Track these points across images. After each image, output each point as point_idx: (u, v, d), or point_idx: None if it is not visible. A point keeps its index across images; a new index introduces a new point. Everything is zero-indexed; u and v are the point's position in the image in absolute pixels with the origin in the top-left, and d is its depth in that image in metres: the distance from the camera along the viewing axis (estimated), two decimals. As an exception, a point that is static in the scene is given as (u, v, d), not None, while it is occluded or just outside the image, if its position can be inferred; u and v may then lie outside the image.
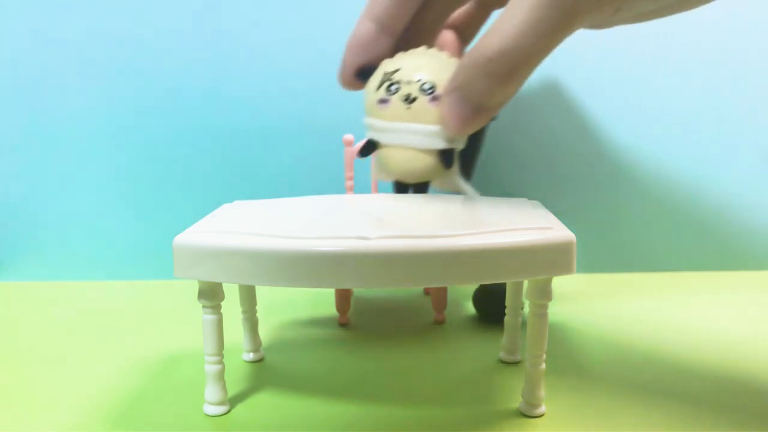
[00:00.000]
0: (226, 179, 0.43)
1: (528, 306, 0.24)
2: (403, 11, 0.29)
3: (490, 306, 0.34)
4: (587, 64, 0.42)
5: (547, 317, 0.24)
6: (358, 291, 0.40)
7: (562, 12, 0.23)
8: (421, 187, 0.28)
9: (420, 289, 0.40)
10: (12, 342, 0.33)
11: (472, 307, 0.35)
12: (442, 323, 0.35)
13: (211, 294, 0.24)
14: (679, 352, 0.30)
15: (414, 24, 0.31)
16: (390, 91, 0.27)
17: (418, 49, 0.29)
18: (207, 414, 0.25)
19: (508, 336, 0.29)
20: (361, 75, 0.29)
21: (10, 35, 0.42)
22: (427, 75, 0.27)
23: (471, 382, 0.27)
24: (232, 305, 0.28)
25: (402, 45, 0.31)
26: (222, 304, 0.24)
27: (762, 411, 0.25)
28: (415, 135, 0.27)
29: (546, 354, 0.24)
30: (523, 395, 0.25)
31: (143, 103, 0.42)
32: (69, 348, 0.32)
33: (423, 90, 0.27)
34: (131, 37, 0.42)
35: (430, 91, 0.27)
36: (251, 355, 0.30)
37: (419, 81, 0.27)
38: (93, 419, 0.25)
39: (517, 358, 0.29)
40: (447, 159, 0.27)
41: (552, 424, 0.24)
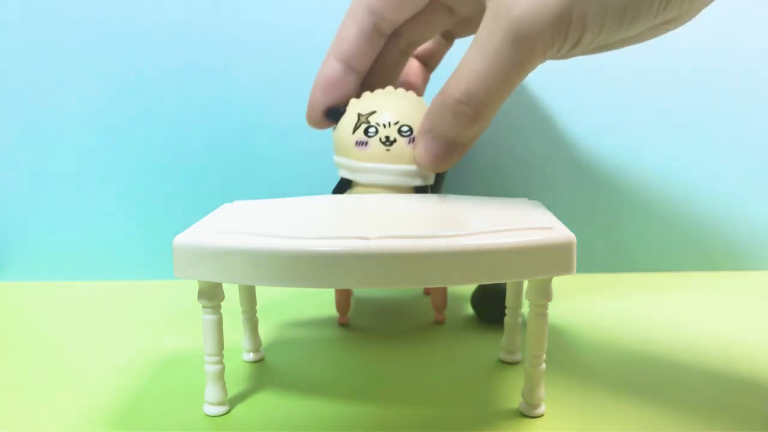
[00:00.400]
0: (226, 179, 0.43)
1: (528, 306, 0.24)
2: (369, 49, 0.31)
3: (489, 306, 0.34)
4: (588, 64, 0.42)
5: (547, 317, 0.24)
6: (358, 291, 0.40)
7: (519, 53, 0.25)
8: None
9: (420, 289, 0.40)
10: (12, 342, 0.33)
11: (471, 307, 0.35)
12: (442, 323, 0.35)
13: (211, 294, 0.24)
14: (680, 351, 0.30)
15: (379, 59, 0.32)
16: (368, 134, 0.29)
17: (386, 90, 0.31)
18: (207, 414, 0.25)
19: (508, 336, 0.29)
20: (330, 115, 0.31)
21: (9, 35, 0.42)
22: (404, 117, 0.29)
23: (471, 382, 0.28)
24: (232, 305, 0.28)
25: (368, 79, 0.32)
26: (222, 304, 0.24)
27: (762, 411, 0.25)
28: (392, 175, 0.29)
29: (546, 354, 0.24)
30: (523, 395, 0.25)
31: (143, 103, 0.42)
32: (69, 348, 0.32)
33: (401, 132, 0.29)
34: (131, 38, 0.42)
35: (407, 133, 0.29)
36: (251, 355, 0.30)
37: (397, 123, 0.29)
38: (93, 419, 0.25)
39: (517, 358, 0.29)
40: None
41: (552, 424, 0.24)
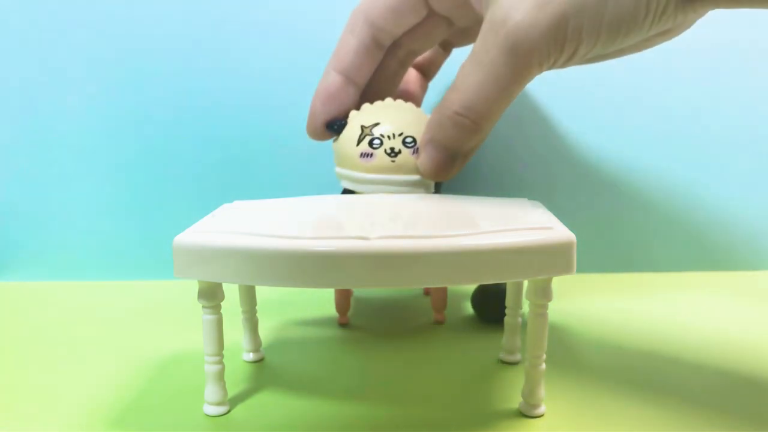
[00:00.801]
0: (226, 179, 0.43)
1: (528, 306, 0.24)
2: (368, 61, 0.32)
3: (489, 306, 0.34)
4: (587, 65, 0.42)
5: (547, 317, 0.24)
6: (358, 291, 0.40)
7: (515, 65, 0.25)
8: None
9: (420, 289, 0.40)
10: (12, 342, 0.33)
11: (471, 307, 0.35)
12: (442, 323, 0.35)
13: (211, 294, 0.24)
14: (680, 351, 0.30)
15: (379, 70, 0.33)
16: (373, 146, 0.29)
17: (386, 102, 0.31)
18: (207, 414, 0.25)
19: (508, 336, 0.29)
20: (331, 128, 0.31)
21: (9, 34, 0.42)
22: (408, 129, 0.30)
23: (471, 382, 0.28)
24: (232, 305, 0.28)
25: (367, 90, 0.33)
26: (222, 304, 0.24)
27: (762, 411, 0.25)
28: (397, 185, 0.29)
29: (546, 354, 0.24)
30: (523, 395, 0.25)
31: (143, 104, 0.42)
32: (69, 348, 0.32)
33: (405, 143, 0.29)
34: (131, 38, 0.42)
35: (411, 144, 0.29)
36: (251, 355, 0.30)
37: (401, 135, 0.29)
38: (93, 419, 0.25)
39: (517, 358, 0.29)
40: None
41: (552, 424, 0.24)
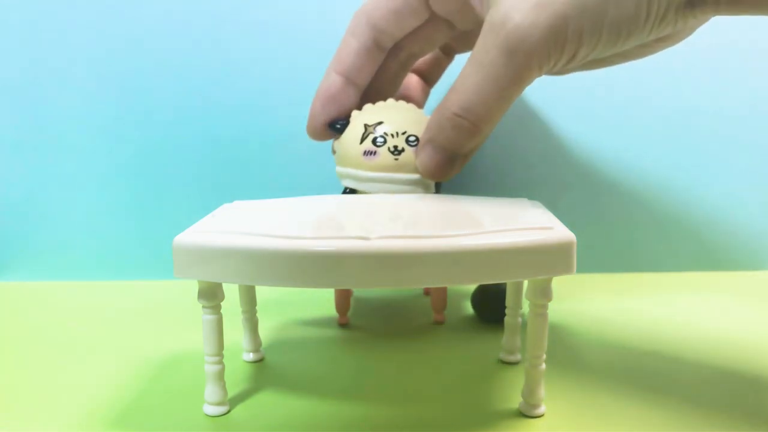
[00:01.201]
0: (226, 179, 0.43)
1: (528, 306, 0.24)
2: (369, 63, 0.32)
3: (489, 306, 0.34)
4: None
5: (547, 317, 0.24)
6: (358, 291, 0.40)
7: (514, 67, 0.25)
8: None
9: (420, 289, 0.40)
10: (12, 342, 0.33)
11: (471, 307, 0.35)
12: (441, 323, 0.35)
13: (211, 294, 0.24)
14: (680, 351, 0.30)
15: (379, 72, 0.33)
16: (377, 144, 0.29)
17: (387, 102, 0.31)
18: (207, 414, 0.25)
19: (508, 336, 0.29)
20: (334, 127, 0.31)
21: (9, 35, 0.42)
22: (411, 128, 0.30)
23: (471, 382, 0.28)
24: (232, 305, 0.28)
25: (367, 92, 0.33)
26: (222, 304, 0.24)
27: (762, 411, 0.25)
28: (400, 184, 0.29)
29: (546, 354, 0.24)
30: (523, 395, 0.25)
31: (143, 104, 0.42)
32: (69, 348, 0.32)
33: (408, 142, 0.29)
34: (132, 39, 0.42)
35: (414, 143, 0.29)
36: (251, 355, 0.30)
37: (405, 133, 0.29)
38: (93, 419, 0.25)
39: (517, 358, 0.29)
40: None
41: (552, 424, 0.24)
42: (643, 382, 0.27)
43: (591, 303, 0.37)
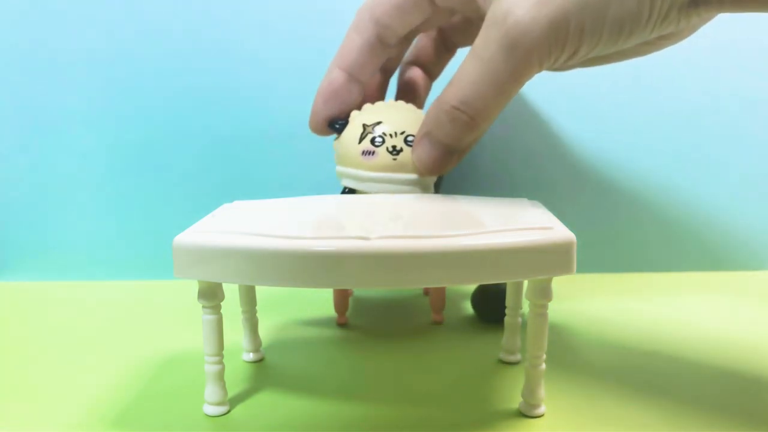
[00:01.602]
0: (226, 179, 0.43)
1: (528, 306, 0.24)
2: (372, 60, 0.32)
3: (489, 306, 0.34)
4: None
5: (547, 317, 0.24)
6: (357, 291, 0.40)
7: (514, 62, 0.25)
8: None
9: (419, 289, 0.40)
10: (12, 342, 0.33)
11: (470, 307, 0.35)
12: (440, 323, 0.35)
13: (211, 294, 0.24)
14: (680, 351, 0.30)
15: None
16: (375, 144, 0.29)
17: (387, 102, 0.32)
18: (207, 414, 0.25)
19: (508, 336, 0.29)
20: (333, 127, 0.32)
21: (9, 34, 0.42)
22: (409, 128, 0.30)
23: (471, 382, 0.27)
24: (232, 305, 0.28)
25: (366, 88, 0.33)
26: (222, 304, 0.24)
27: (763, 411, 0.25)
28: (399, 184, 0.29)
29: (546, 354, 0.24)
30: (523, 395, 0.25)
31: (143, 103, 0.42)
32: (69, 348, 0.32)
33: (407, 142, 0.29)
34: (132, 39, 0.42)
35: (412, 143, 0.29)
36: (251, 355, 0.30)
37: (404, 133, 0.30)
38: (93, 419, 0.25)
39: (517, 358, 0.29)
40: None
41: (552, 424, 0.24)
42: (643, 382, 0.27)
43: (591, 303, 0.37)
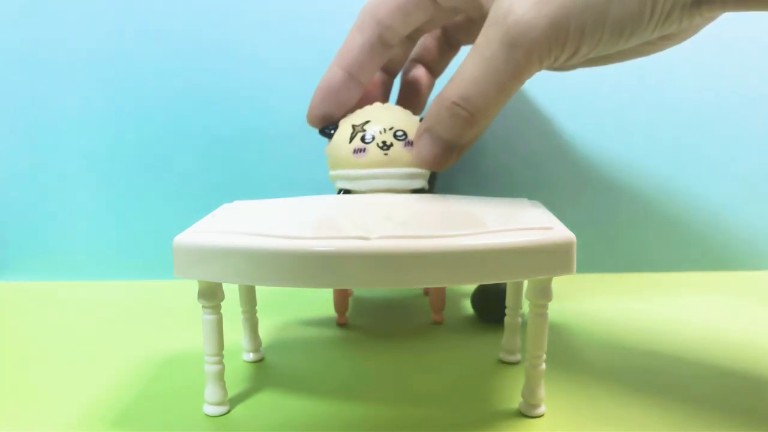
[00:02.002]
0: (226, 179, 0.43)
1: (528, 306, 0.24)
2: (372, 60, 0.32)
3: (489, 306, 0.34)
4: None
5: (547, 317, 0.24)
6: (357, 291, 0.40)
7: (514, 60, 0.25)
8: None
9: (419, 289, 0.40)
10: (12, 342, 0.33)
11: (470, 307, 0.35)
12: (440, 323, 0.35)
13: (211, 294, 0.24)
14: (680, 351, 0.30)
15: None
16: (365, 141, 0.29)
17: (374, 105, 0.32)
18: (207, 414, 0.25)
19: (508, 336, 0.29)
20: (325, 133, 0.32)
21: (9, 34, 0.42)
22: (397, 124, 0.30)
23: (471, 382, 0.27)
24: (232, 305, 0.28)
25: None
26: (222, 304, 0.24)
27: (763, 410, 0.25)
28: (392, 179, 0.29)
29: (546, 354, 0.24)
30: (523, 395, 0.25)
31: (143, 104, 0.42)
32: (69, 348, 0.32)
33: (396, 137, 0.29)
34: (132, 39, 0.42)
35: (402, 137, 0.29)
36: (251, 355, 0.30)
37: (392, 129, 0.30)
38: (93, 419, 0.25)
39: (517, 358, 0.29)
40: None
41: (552, 424, 0.24)
42: (643, 381, 0.27)
43: (591, 303, 0.37)
